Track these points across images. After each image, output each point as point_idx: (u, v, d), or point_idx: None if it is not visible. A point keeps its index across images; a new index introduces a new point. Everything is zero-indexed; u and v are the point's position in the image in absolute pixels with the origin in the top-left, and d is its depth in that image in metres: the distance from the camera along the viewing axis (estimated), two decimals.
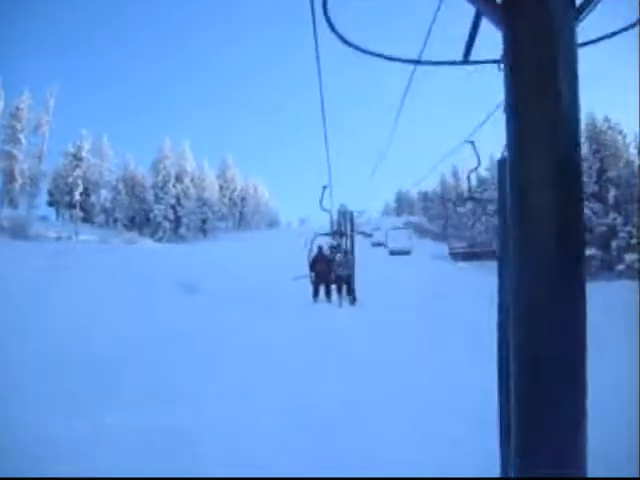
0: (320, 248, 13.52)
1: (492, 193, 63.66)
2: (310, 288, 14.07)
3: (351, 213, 16.12)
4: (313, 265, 13.27)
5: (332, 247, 14.48)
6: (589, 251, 37.37)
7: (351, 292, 13.90)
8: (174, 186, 55.90)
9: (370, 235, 31.66)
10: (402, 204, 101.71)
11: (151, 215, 54.26)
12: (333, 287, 14.19)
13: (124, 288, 13.56)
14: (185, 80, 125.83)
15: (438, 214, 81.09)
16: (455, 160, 72.01)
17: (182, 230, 55.39)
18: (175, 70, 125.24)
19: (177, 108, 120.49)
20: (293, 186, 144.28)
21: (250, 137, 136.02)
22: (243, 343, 8.23)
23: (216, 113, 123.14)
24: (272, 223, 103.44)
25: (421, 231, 68.31)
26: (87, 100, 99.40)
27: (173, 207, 55.20)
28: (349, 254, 14.03)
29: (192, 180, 60.77)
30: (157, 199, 55.02)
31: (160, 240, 53.25)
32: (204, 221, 61.39)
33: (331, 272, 13.54)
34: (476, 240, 60.72)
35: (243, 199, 78.63)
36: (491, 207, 62.10)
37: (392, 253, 20.20)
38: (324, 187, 11.29)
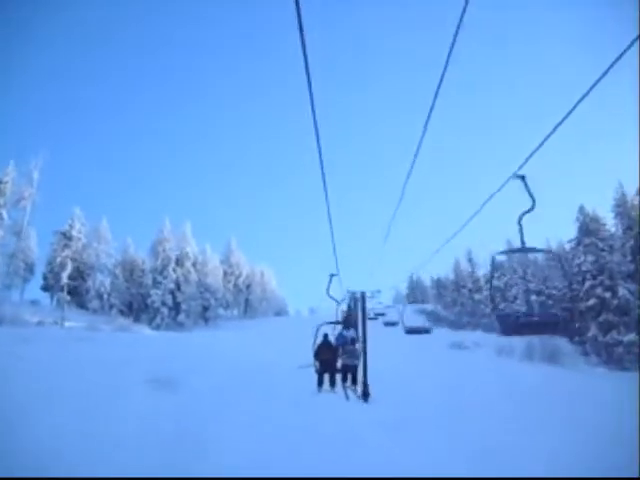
0: (325, 335, 12.99)
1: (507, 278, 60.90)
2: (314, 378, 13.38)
3: (363, 293, 15.09)
4: (318, 353, 12.80)
5: (340, 335, 13.79)
6: (629, 337, 33.46)
7: (356, 382, 13.36)
8: (174, 270, 53.30)
9: (383, 314, 30.38)
10: (414, 291, 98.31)
11: (149, 301, 51.08)
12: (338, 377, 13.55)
13: (75, 383, 11.19)
14: (185, 159, 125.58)
15: (452, 301, 77.72)
16: (469, 241, 69.40)
17: (181, 317, 51.94)
18: (175, 147, 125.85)
19: (178, 189, 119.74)
20: (302, 275, 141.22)
21: (254, 223, 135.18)
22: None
23: (218, 196, 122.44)
24: (280, 312, 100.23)
25: (436, 319, 64.68)
26: (82, 178, 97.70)
27: (172, 292, 52.19)
28: (356, 342, 13.34)
29: (194, 265, 58.20)
30: (155, 283, 52.20)
31: (158, 327, 49.89)
32: (205, 308, 58.05)
33: (336, 360, 13.13)
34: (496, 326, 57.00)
35: (249, 286, 75.80)
36: (510, 293, 59.03)
37: (408, 332, 19.56)
38: (331, 275, 11.12)
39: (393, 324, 27.74)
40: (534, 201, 5.11)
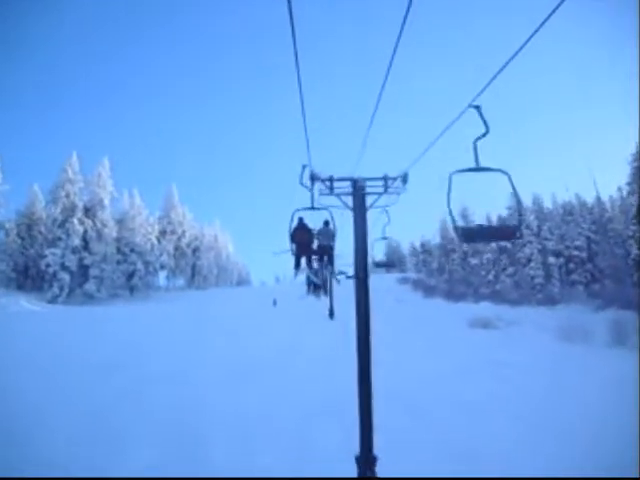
0: (301, 219, 11.58)
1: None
2: None
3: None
4: (294, 236, 10.91)
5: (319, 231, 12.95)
6: None
7: (332, 262, 13.35)
8: (80, 222, 38.41)
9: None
10: (392, 258, 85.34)
11: (42, 263, 36.48)
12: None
13: None
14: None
15: (439, 268, 65.66)
16: (463, 192, 56.46)
17: (89, 286, 37.48)
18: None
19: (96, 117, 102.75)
20: (267, 241, 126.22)
21: (205, 173, 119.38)
22: None
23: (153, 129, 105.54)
24: (242, 282, 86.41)
25: (425, 289, 52.18)
26: None
27: (76, 252, 37.48)
28: (330, 224, 11.81)
29: (117, 219, 43.45)
30: (53, 241, 37.42)
31: (54, 300, 35.50)
32: (131, 275, 43.63)
33: (312, 242, 12.61)
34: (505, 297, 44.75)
35: (196, 250, 61.58)
36: (521, 254, 46.86)
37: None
38: (304, 166, 7.79)
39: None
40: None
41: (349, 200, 6.32)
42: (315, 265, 14.25)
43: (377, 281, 54.28)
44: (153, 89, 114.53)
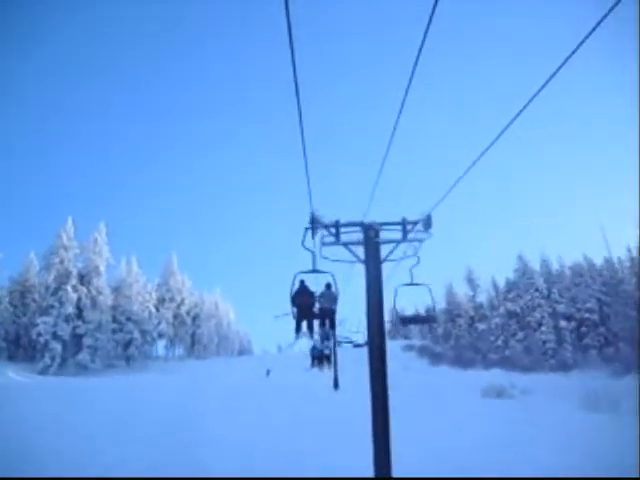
0: (302, 281, 10.73)
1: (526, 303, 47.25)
2: None
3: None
4: (295, 298, 10.59)
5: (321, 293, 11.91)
6: None
7: (334, 326, 12.69)
8: (74, 289, 37.25)
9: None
10: (396, 324, 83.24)
11: (33, 332, 35.11)
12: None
13: None
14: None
15: (445, 334, 63.81)
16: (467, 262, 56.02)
17: (83, 356, 35.86)
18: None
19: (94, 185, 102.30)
20: (269, 309, 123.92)
21: (205, 241, 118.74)
22: None
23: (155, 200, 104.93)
24: (243, 350, 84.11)
25: (431, 356, 50.29)
26: None
27: (69, 321, 36.14)
28: (332, 287, 11.13)
29: (112, 285, 42.37)
30: (45, 309, 36.20)
31: (46, 371, 33.88)
32: (127, 344, 42.01)
33: (314, 305, 11.50)
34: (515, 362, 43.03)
35: (196, 318, 60.00)
36: (531, 318, 45.18)
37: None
38: (306, 229, 7.50)
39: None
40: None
41: (359, 251, 5.39)
42: (316, 329, 13.84)
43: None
44: (152, 156, 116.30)
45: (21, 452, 11.70)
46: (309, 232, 8.82)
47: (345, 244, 5.31)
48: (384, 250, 5.21)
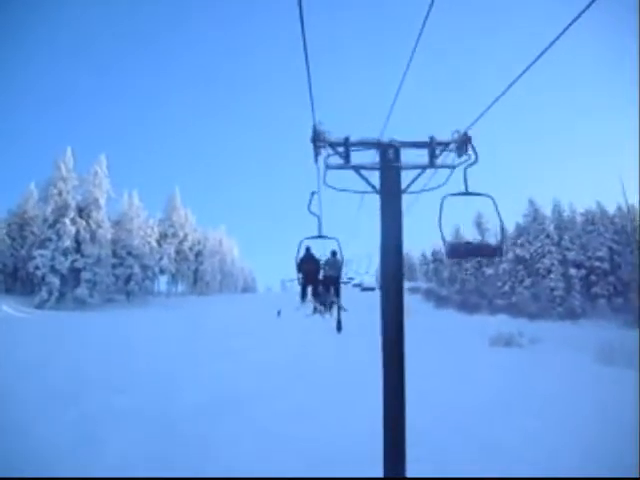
0: (308, 248, 11.56)
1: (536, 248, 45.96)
2: None
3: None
4: (301, 265, 10.90)
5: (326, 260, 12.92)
6: None
7: (339, 294, 13.03)
8: (73, 222, 36.17)
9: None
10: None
11: (29, 266, 34.31)
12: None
13: None
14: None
15: (451, 277, 63.16)
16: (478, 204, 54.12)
17: (81, 291, 35.21)
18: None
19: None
20: (272, 244, 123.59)
21: (210, 175, 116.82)
22: None
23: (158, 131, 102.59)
24: (247, 288, 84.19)
25: (437, 299, 49.48)
26: None
27: (67, 254, 35.26)
28: (337, 255, 11.90)
29: (113, 219, 41.26)
30: (42, 242, 35.25)
31: (42, 305, 33.35)
32: (127, 279, 41.37)
33: (319, 272, 12.52)
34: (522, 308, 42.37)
35: (198, 254, 59.27)
36: (540, 265, 44.08)
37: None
38: (312, 193, 7.52)
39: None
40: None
41: (373, 179, 4.13)
42: (321, 292, 13.87)
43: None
44: (157, 88, 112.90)
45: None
46: (315, 195, 8.51)
47: (356, 168, 3.94)
48: (404, 179, 3.89)
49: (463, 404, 11.22)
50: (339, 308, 15.22)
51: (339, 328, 24.47)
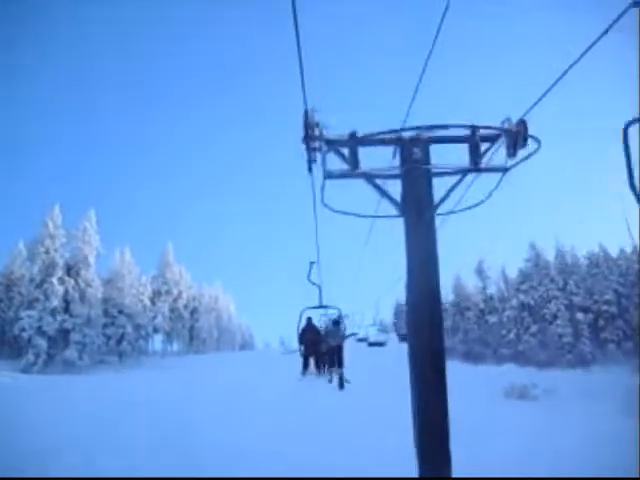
0: (309, 319, 12.40)
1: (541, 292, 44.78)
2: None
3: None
4: (302, 335, 11.85)
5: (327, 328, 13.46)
6: None
7: (342, 364, 12.76)
8: (61, 281, 35.00)
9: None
10: (401, 318, 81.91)
11: (16, 328, 32.98)
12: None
13: None
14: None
15: (453, 327, 61.37)
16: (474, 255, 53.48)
17: (70, 353, 33.71)
18: None
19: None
20: (270, 300, 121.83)
21: (205, 232, 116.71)
22: None
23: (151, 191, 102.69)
24: (244, 345, 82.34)
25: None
26: None
27: (55, 315, 33.93)
28: (340, 323, 12.49)
29: (104, 278, 40.16)
30: (30, 303, 34.05)
31: (29, 369, 31.82)
32: (119, 339, 39.85)
33: (321, 342, 12.81)
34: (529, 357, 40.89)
35: (194, 311, 57.87)
36: (546, 311, 42.75)
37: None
38: (312, 262, 9.57)
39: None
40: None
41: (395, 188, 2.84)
42: (323, 367, 13.99)
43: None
44: (148, 143, 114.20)
45: None
46: (314, 265, 10.10)
47: (368, 176, 2.73)
48: (436, 189, 2.74)
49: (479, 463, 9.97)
50: (341, 379, 14.25)
51: (341, 385, 22.95)
